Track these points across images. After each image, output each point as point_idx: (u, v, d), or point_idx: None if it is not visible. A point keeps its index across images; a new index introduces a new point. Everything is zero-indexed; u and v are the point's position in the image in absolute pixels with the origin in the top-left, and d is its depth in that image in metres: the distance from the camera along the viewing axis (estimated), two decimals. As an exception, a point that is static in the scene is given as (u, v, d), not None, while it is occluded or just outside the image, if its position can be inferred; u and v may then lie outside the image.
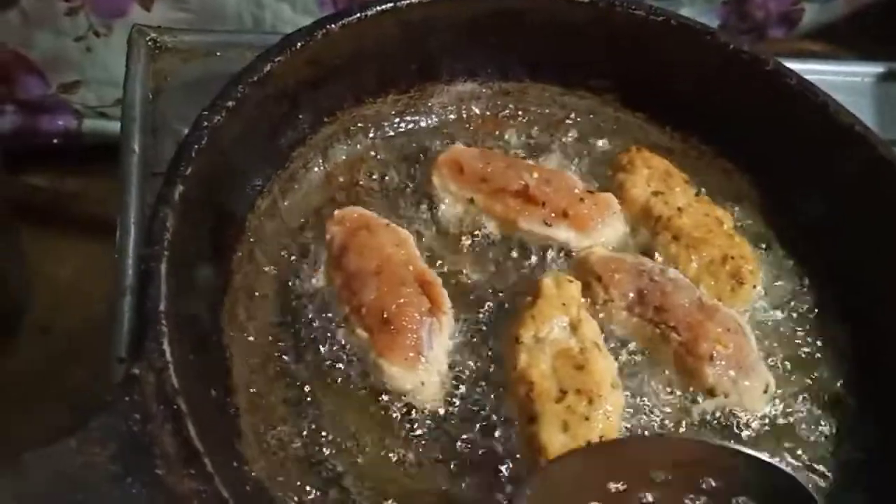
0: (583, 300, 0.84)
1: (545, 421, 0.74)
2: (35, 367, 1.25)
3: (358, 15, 0.85)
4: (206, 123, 0.74)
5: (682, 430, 0.80)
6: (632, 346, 0.84)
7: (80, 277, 1.33)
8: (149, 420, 0.58)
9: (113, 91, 1.40)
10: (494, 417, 0.78)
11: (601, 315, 0.84)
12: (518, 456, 0.75)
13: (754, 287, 0.89)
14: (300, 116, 0.87)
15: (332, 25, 0.84)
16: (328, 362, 0.78)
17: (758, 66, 0.94)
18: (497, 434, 0.77)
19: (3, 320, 1.26)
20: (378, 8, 0.86)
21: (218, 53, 1.06)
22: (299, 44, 0.82)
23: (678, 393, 0.82)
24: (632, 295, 0.84)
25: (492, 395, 0.79)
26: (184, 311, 0.68)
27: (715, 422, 0.81)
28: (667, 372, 0.82)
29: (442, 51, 0.94)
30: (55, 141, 1.41)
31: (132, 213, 0.89)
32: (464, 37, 0.94)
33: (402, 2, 0.88)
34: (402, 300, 0.79)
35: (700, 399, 0.81)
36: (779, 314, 0.90)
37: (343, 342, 0.79)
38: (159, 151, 0.96)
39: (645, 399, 0.82)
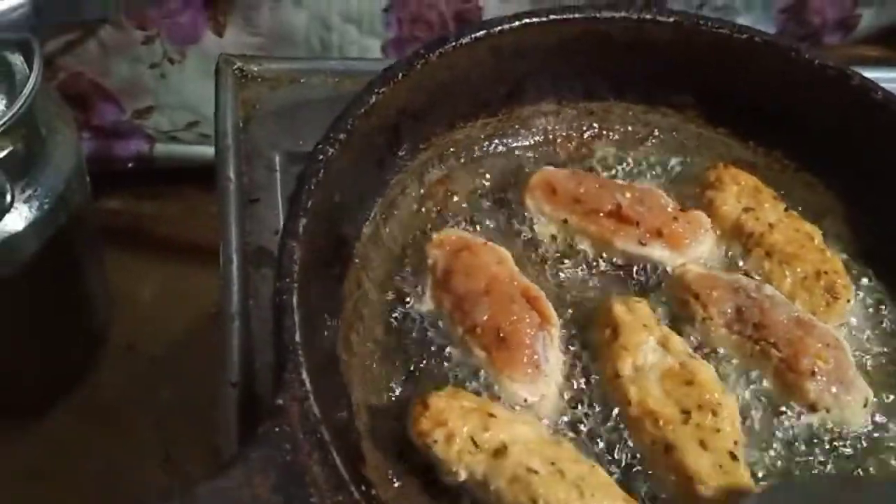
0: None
1: (683, 446, 0.74)
2: (121, 386, 1.28)
3: (453, 43, 0.87)
4: (321, 157, 0.76)
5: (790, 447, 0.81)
6: (730, 360, 0.85)
7: (160, 298, 1.36)
8: (298, 449, 0.60)
9: (184, 115, 1.43)
10: (606, 435, 0.79)
11: (701, 333, 0.85)
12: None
13: (848, 302, 0.90)
14: (401, 144, 0.89)
15: (430, 55, 0.86)
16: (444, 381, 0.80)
17: (844, 80, 0.95)
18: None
19: (89, 340, 1.29)
20: (473, 35, 0.88)
21: (302, 80, 1.09)
22: (400, 74, 0.84)
23: (779, 408, 0.83)
24: (730, 312, 0.85)
25: (599, 408, 0.80)
26: (309, 341, 0.70)
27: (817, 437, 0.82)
28: (766, 386, 0.84)
29: (530, 74, 0.96)
30: (129, 165, 1.44)
31: (233, 241, 0.92)
32: (551, 59, 0.95)
33: (494, 28, 0.90)
34: (514, 317, 0.81)
35: (802, 414, 0.82)
36: (865, 329, 0.91)
37: (459, 362, 0.80)
38: (253, 178, 0.99)
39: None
